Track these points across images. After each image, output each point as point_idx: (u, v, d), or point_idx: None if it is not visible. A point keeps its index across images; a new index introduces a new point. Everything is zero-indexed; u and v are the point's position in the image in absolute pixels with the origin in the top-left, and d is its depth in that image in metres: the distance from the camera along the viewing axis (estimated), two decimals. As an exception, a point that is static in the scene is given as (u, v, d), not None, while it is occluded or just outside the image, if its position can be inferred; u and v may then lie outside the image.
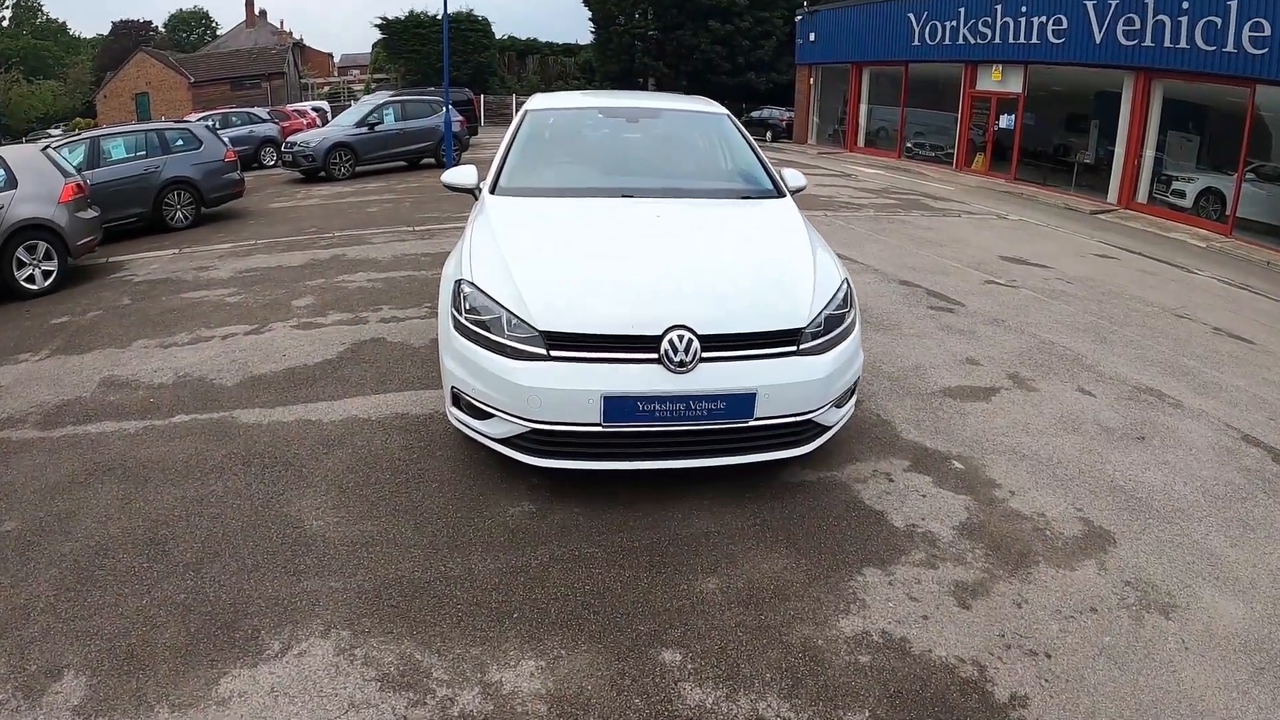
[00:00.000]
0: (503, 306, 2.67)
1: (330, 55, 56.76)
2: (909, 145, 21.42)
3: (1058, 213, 13.66)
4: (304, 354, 4.58)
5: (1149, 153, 14.60)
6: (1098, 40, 14.54)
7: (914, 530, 2.67)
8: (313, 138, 14.39)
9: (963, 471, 3.13)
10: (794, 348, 2.71)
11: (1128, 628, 2.32)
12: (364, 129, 14.68)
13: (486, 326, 2.68)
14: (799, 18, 25.00)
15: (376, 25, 35.20)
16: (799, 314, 2.75)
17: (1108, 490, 3.17)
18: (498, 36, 37.63)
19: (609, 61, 33.36)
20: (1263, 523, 3.10)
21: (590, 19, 33.68)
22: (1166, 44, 13.16)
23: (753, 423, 2.61)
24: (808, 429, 2.78)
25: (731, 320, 2.65)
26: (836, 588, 2.32)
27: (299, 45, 47.82)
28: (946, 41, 18.97)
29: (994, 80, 18.44)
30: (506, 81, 37.05)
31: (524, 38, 40.68)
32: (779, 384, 2.62)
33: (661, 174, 3.95)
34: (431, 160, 15.64)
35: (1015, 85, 17.69)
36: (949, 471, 3.12)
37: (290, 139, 14.74)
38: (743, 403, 2.57)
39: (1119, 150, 14.99)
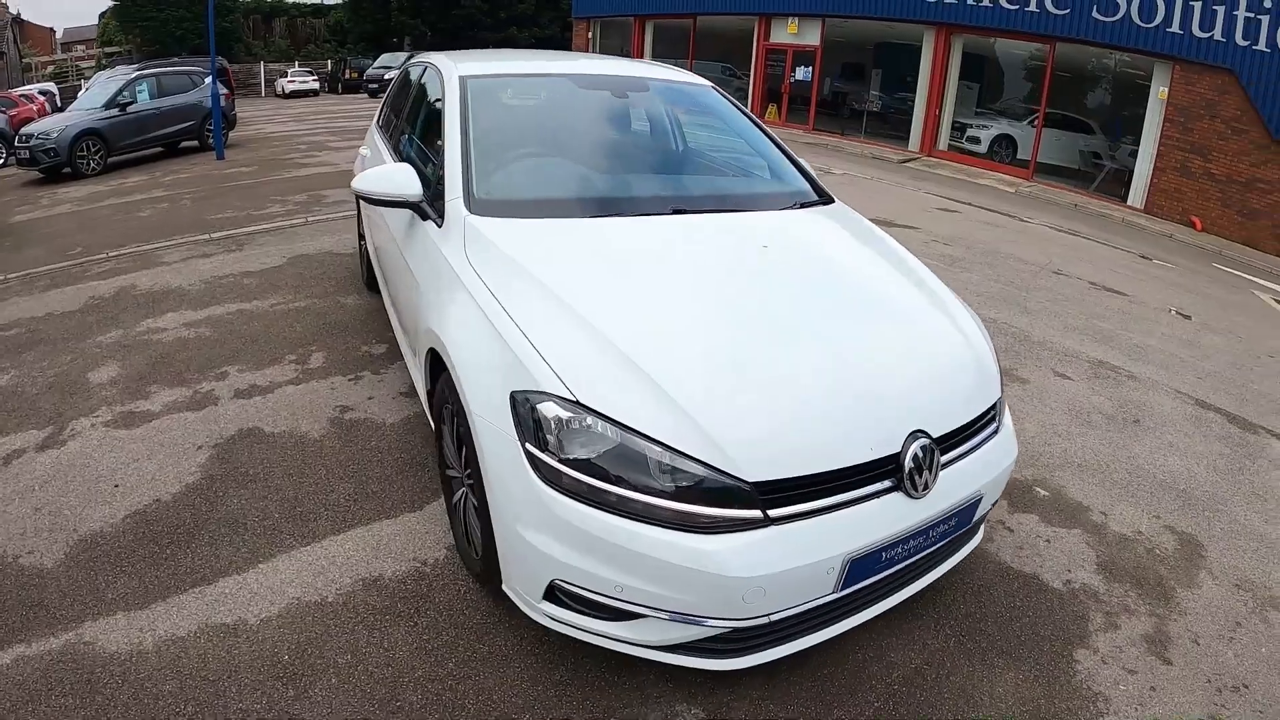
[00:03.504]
0: (655, 441, 1.67)
1: (52, 30, 48.30)
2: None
3: (870, 163, 14.84)
4: (147, 478, 2.98)
5: (949, 103, 16.21)
6: (899, -6, 15.78)
7: (1073, 588, 2.70)
8: (53, 126, 11.84)
9: (1051, 499, 3.23)
10: (995, 424, 2.23)
11: (1265, 632, 2.58)
12: (115, 111, 12.27)
13: (620, 478, 1.68)
14: None
15: (107, -11, 30.31)
16: (994, 374, 2.28)
17: (1157, 487, 3.45)
18: (241, -1, 33.86)
19: (363, 21, 31.53)
20: (1271, 490, 3.57)
21: (343, -25, 31.11)
22: (970, 1, 14.60)
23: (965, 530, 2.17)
24: (975, 514, 2.20)
25: (954, 405, 2.05)
26: (1075, 689, 2.20)
27: (18, 21, 39.58)
28: (738, -7, 19.62)
29: (790, 33, 19.44)
30: (253, 48, 33.45)
31: (269, -1, 36.84)
32: (995, 476, 2.13)
33: (691, 172, 3.27)
34: (195, 143, 13.57)
35: (813, 38, 18.78)
36: (1040, 502, 3.20)
37: (23, 130, 12.02)
38: (970, 511, 2.10)
39: (919, 100, 16.50)
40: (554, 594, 1.82)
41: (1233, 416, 4.37)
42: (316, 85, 30.63)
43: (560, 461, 1.72)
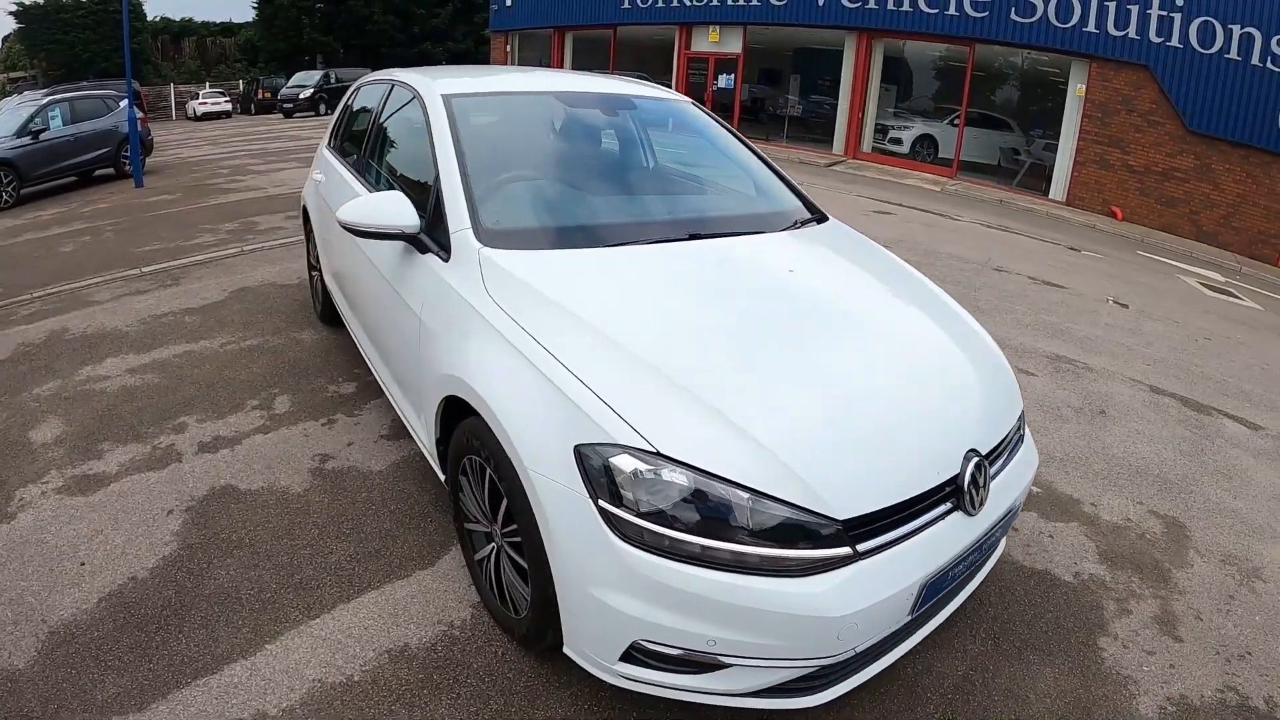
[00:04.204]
0: (743, 487, 1.61)
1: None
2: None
3: (798, 167, 15.23)
4: (116, 553, 2.68)
5: (872, 106, 16.79)
6: (820, 2, 16.24)
7: (1083, 579, 2.81)
8: (-40, 157, 11.05)
9: (1045, 495, 3.37)
10: (1022, 432, 2.31)
11: (1255, 602, 2.80)
12: (27, 139, 11.46)
13: (706, 528, 1.60)
14: None
15: (12, 12, 28.80)
16: (1015, 384, 2.36)
17: (1134, 475, 3.66)
18: (150, 19, 32.80)
19: (275, 39, 30.99)
20: (1234, 468, 3.83)
21: (253, -7, 30.44)
22: (890, 6, 15.18)
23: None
24: (1012, 521, 2.29)
25: (996, 419, 2.11)
26: (1106, 676, 2.33)
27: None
28: (660, 4, 19.97)
29: (711, 41, 19.80)
30: (162, 69, 32.28)
31: (178, 18, 35.72)
32: (1027, 483, 2.20)
33: (695, 193, 3.22)
34: (111, 170, 12.76)
35: (735, 46, 19.17)
36: (1036, 499, 3.33)
37: (-70, 164, 11.14)
38: (1011, 519, 2.17)
39: (843, 104, 17.04)
40: (632, 654, 1.73)
41: (1186, 400, 4.67)
42: (229, 106, 29.61)
43: (639, 516, 1.62)
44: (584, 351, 1.88)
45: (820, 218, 3.10)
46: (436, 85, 3.00)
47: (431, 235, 2.49)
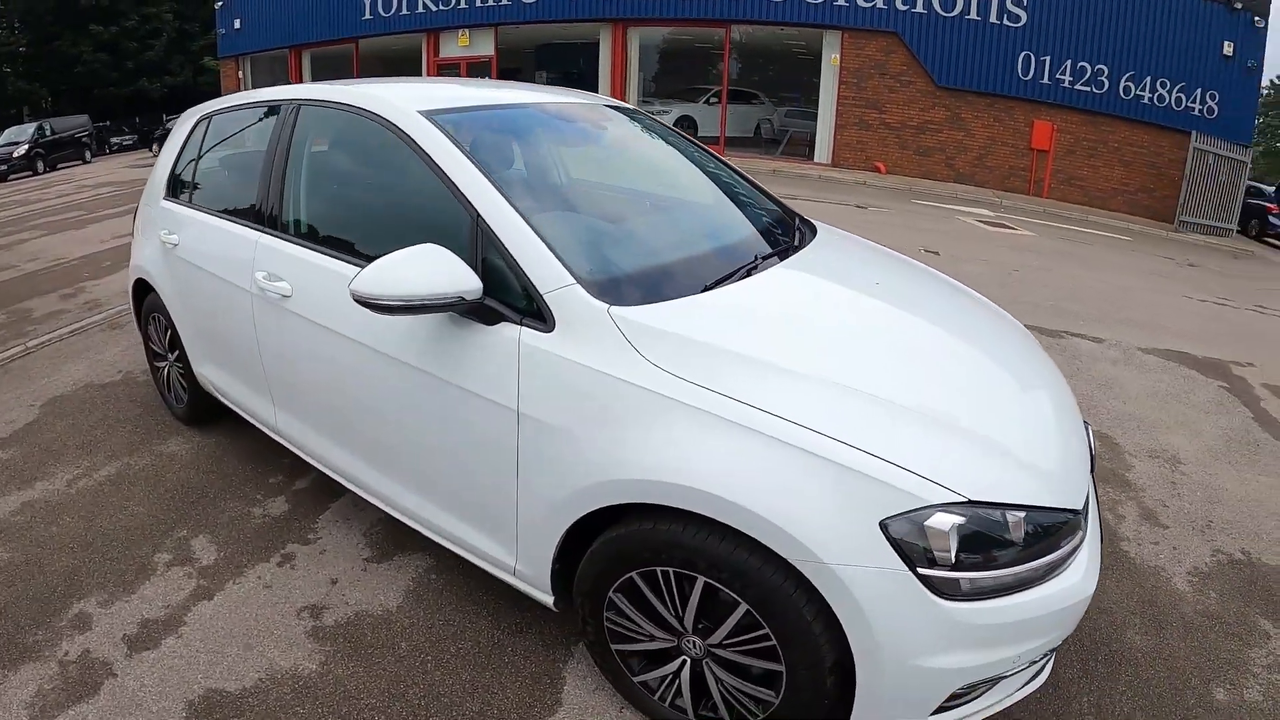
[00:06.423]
0: (1036, 509, 1.66)
1: None
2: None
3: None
4: None
5: (633, 94, 17.54)
6: (572, -3, 16.68)
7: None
8: None
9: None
10: None
11: (1190, 482, 3.46)
12: None
13: (1012, 558, 1.62)
14: (219, 4, 23.07)
15: None
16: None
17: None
18: None
19: None
20: (1108, 377, 4.61)
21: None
22: None
23: None
24: None
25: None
26: (1140, 570, 2.78)
27: None
28: (404, 12, 19.47)
29: (461, 46, 19.59)
30: None
31: None
32: None
33: (729, 211, 2.91)
34: None
35: (486, 48, 19.12)
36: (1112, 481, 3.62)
37: None
38: None
39: (604, 92, 17.60)
40: (945, 705, 1.71)
41: (1039, 329, 5.48)
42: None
43: (958, 569, 1.57)
44: (819, 407, 1.67)
45: (806, 222, 3.03)
46: (398, 102, 2.39)
47: (502, 299, 1.98)
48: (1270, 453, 3.86)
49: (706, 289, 2.07)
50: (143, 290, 3.76)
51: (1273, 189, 16.02)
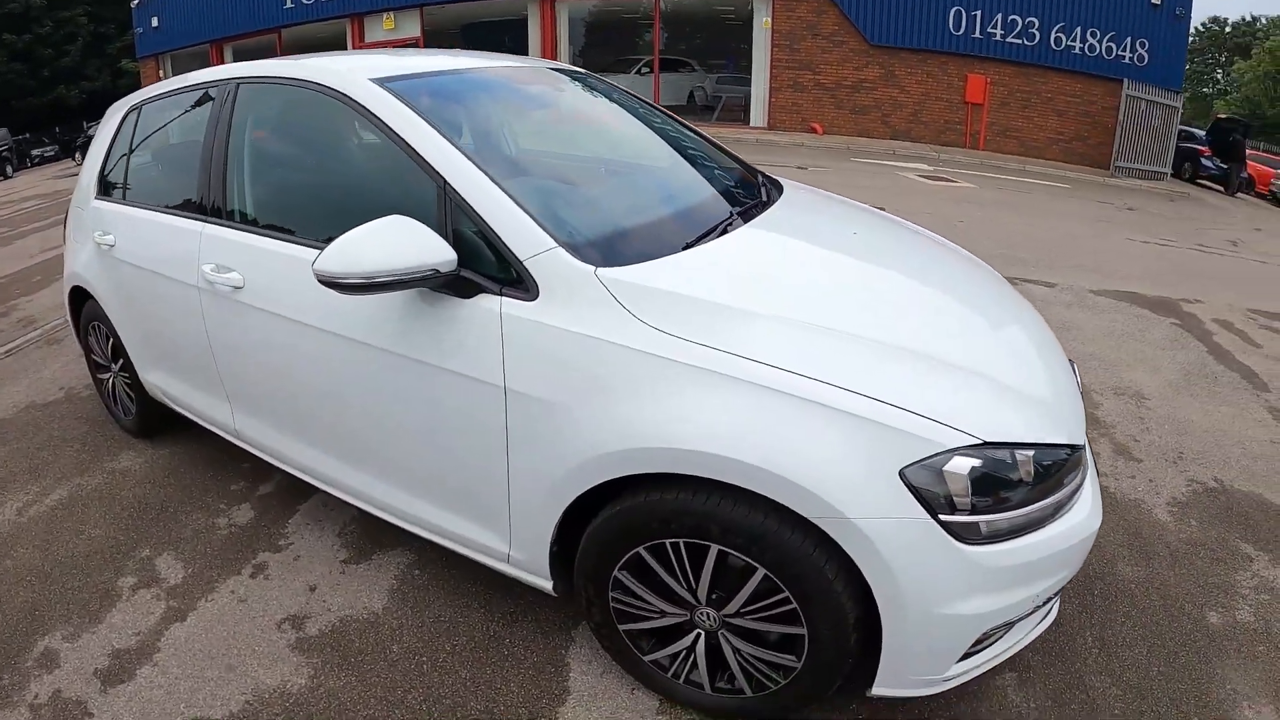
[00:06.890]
0: (1046, 446, 1.66)
1: None
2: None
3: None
4: None
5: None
6: (493, -27, 16.36)
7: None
8: None
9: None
10: None
11: (1155, 415, 3.55)
12: None
13: (1023, 497, 1.62)
14: (136, 3, 22.29)
15: None
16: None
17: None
18: None
19: None
20: (1067, 321, 4.70)
21: None
22: None
23: None
24: None
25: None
26: (1122, 504, 2.84)
27: None
28: (325, -1, 18.87)
29: (387, 29, 19.14)
30: None
31: None
32: None
33: (696, 171, 2.84)
34: None
35: (412, 30, 18.70)
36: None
37: None
38: None
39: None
40: (970, 650, 1.71)
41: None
42: None
43: (977, 513, 1.56)
44: (825, 358, 1.64)
45: (770, 179, 3.00)
46: (346, 71, 2.25)
47: (478, 270, 1.87)
48: (1228, 383, 3.99)
49: (687, 246, 2.00)
50: (80, 299, 3.55)
51: (1204, 132, 16.56)
